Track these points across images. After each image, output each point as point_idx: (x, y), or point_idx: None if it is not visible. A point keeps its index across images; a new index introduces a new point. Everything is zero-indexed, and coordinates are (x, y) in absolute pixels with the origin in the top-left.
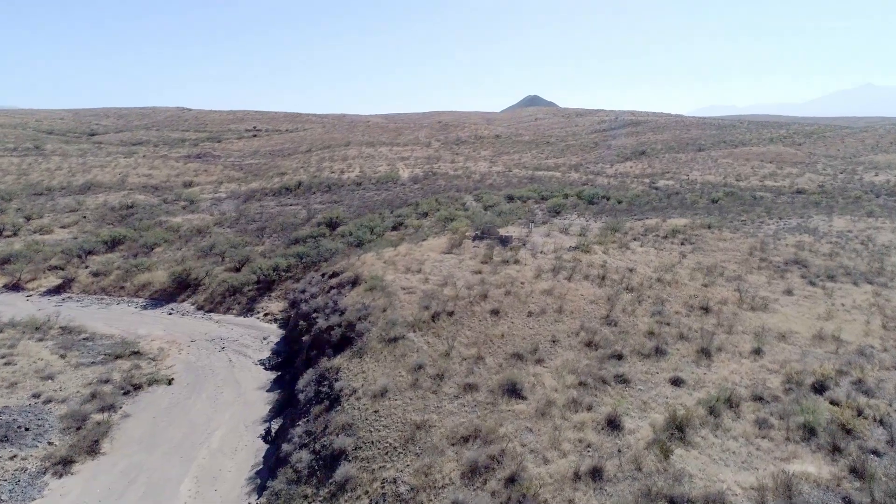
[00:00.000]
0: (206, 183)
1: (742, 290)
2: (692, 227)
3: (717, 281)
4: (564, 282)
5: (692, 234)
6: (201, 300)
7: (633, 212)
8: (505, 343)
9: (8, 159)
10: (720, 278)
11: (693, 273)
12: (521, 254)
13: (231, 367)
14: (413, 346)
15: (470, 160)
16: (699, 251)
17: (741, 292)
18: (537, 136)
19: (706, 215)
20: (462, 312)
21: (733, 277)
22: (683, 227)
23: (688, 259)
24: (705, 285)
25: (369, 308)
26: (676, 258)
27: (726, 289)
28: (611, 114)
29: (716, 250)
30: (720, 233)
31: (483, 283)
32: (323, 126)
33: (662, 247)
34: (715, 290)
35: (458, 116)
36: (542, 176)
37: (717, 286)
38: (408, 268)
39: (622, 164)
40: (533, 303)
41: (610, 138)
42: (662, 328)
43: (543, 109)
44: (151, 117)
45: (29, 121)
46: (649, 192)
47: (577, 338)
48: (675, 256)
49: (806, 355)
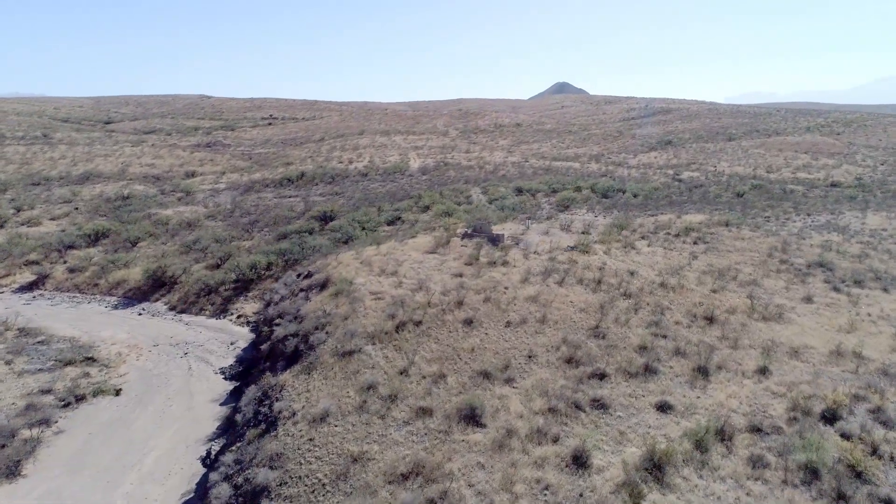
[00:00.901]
0: (209, 173)
1: (755, 296)
2: (708, 225)
3: (728, 286)
4: (554, 287)
5: (707, 233)
6: (175, 300)
7: (648, 207)
8: (474, 358)
9: (14, 148)
10: (732, 283)
11: (702, 277)
12: (512, 254)
13: (188, 376)
14: (369, 361)
15: (486, 150)
16: (713, 251)
17: (753, 299)
18: (560, 124)
19: (727, 211)
20: (431, 322)
21: (747, 282)
22: (698, 225)
23: (699, 261)
24: (714, 291)
25: (330, 316)
26: (686, 259)
27: (738, 295)
28: (641, 101)
29: (731, 250)
30: (738, 231)
31: (462, 288)
32: (340, 114)
33: (672, 246)
34: (724, 297)
35: (483, 104)
36: (560, 167)
37: (728, 292)
38: (383, 269)
39: (646, 154)
40: (514, 311)
41: (635, 127)
42: (657, 342)
43: (571, 97)
44: (171, 105)
45: (47, 108)
46: (671, 185)
47: (556, 353)
48: (685, 257)
49: (819, 375)
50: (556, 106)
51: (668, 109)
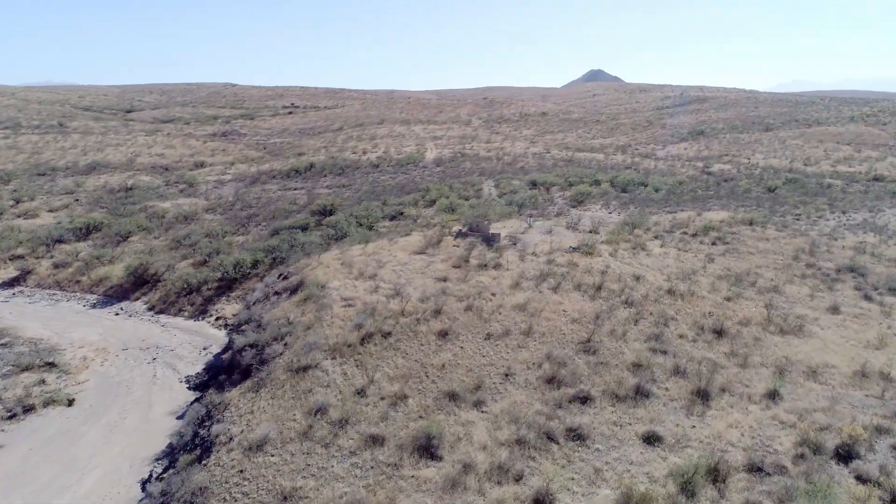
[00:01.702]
0: (219, 163)
1: (773, 305)
2: (730, 223)
3: (744, 293)
4: (547, 293)
5: (728, 232)
6: (155, 299)
7: (669, 202)
8: (443, 376)
9: (27, 137)
10: (750, 289)
11: (716, 282)
12: (507, 256)
13: (151, 385)
14: (324, 378)
15: (508, 140)
16: (732, 253)
17: (771, 309)
18: (588, 113)
19: (755, 207)
20: (402, 333)
21: (767, 288)
22: (719, 223)
23: (715, 264)
24: (728, 299)
25: (292, 325)
26: (701, 262)
27: (754, 304)
28: (676, 89)
29: (753, 252)
30: (763, 230)
31: (443, 295)
32: (362, 103)
33: (688, 247)
34: (738, 306)
35: (512, 92)
36: (583, 158)
37: (743, 300)
38: (362, 272)
39: (676, 145)
40: (497, 321)
41: (667, 116)
42: (655, 359)
43: (604, 85)
44: (194, 93)
45: (72, 97)
46: (698, 178)
47: (537, 371)
48: (700, 260)
49: (837, 401)
50: (588, 94)
51: (704, 98)
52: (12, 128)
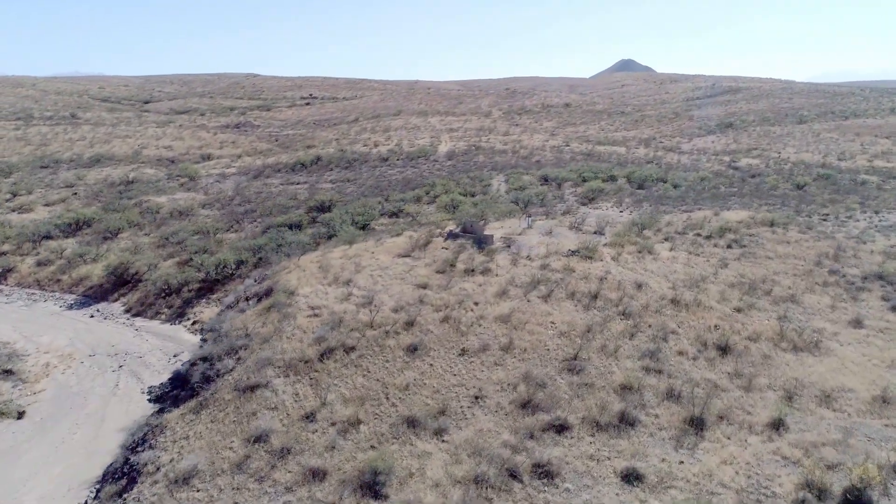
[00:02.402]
0: (226, 156)
1: (788, 317)
2: (749, 224)
3: (757, 303)
4: (536, 303)
5: (746, 234)
6: (133, 300)
7: (687, 200)
8: (405, 399)
9: (37, 128)
10: (764, 299)
11: (727, 291)
12: (499, 260)
13: (111, 396)
14: (273, 399)
15: (527, 132)
16: (748, 258)
17: (784, 321)
18: (613, 104)
19: (779, 206)
20: (367, 348)
21: (783, 298)
22: (737, 224)
23: (728, 269)
24: (738, 310)
25: (249, 337)
26: (712, 268)
27: (767, 316)
28: (709, 79)
29: (772, 257)
30: (784, 232)
31: (420, 304)
32: (381, 93)
33: (700, 251)
34: (749, 318)
35: (538, 83)
36: (602, 152)
37: (756, 311)
38: (336, 277)
39: (703, 138)
40: (476, 335)
41: (695, 108)
42: (647, 379)
43: (634, 75)
44: (215, 84)
45: (92, 87)
46: (723, 174)
47: (512, 393)
48: (712, 265)
49: (851, 433)
50: (616, 85)
51: (737, 89)
52: (24, 119)
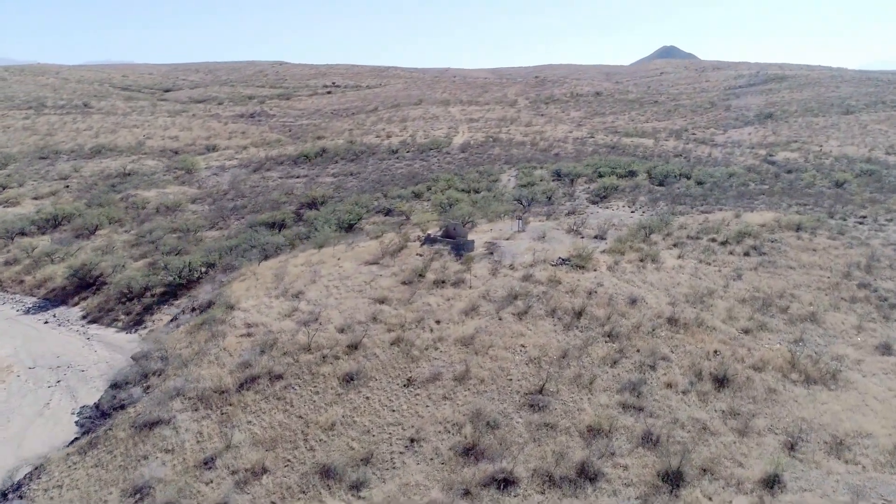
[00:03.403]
0: (233, 147)
1: (804, 340)
2: (773, 228)
3: (770, 323)
4: (509, 321)
5: (767, 240)
6: (93, 305)
7: (708, 199)
8: (326, 441)
9: (47, 118)
10: (779, 317)
11: (736, 308)
12: (477, 268)
13: (38, 417)
14: (171, 440)
15: (551, 123)
16: (767, 268)
17: (799, 346)
18: (646, 93)
19: (812, 206)
20: (297, 376)
21: (801, 316)
22: (759, 228)
23: (741, 281)
24: (746, 331)
25: (167, 360)
26: (723, 280)
27: (780, 338)
28: (753, 67)
29: (794, 266)
30: (811, 238)
31: (373, 322)
32: (405, 82)
33: (712, 259)
34: (758, 342)
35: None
36: (628, 144)
37: (767, 333)
38: (287, 289)
39: (739, 129)
40: (429, 360)
41: (733, 97)
42: (622, 419)
43: (674, 62)
44: (241, 72)
45: (115, 76)
46: (756, 169)
47: (456, 436)
48: (723, 277)
49: (862, 494)
50: (655, 72)
51: (783, 76)
52: (36, 108)
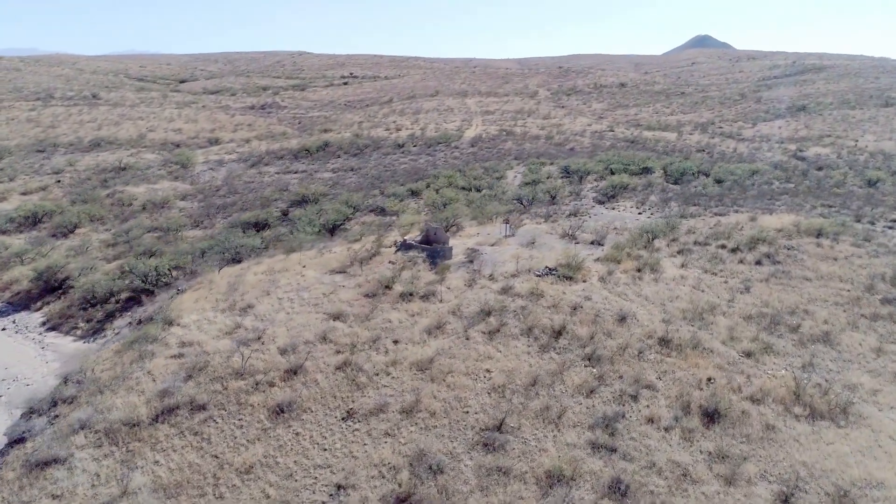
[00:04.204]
0: (236, 140)
1: (814, 366)
2: (791, 233)
3: (776, 344)
4: (478, 341)
5: (783, 246)
6: (56, 311)
7: (725, 199)
8: (240, 487)
9: (53, 110)
10: (787, 338)
11: (740, 326)
12: (452, 279)
13: None
14: (64, 482)
15: (570, 115)
16: (780, 279)
17: (807, 372)
18: (674, 84)
19: (838, 208)
20: (221, 407)
21: (813, 337)
22: (776, 233)
23: (749, 295)
24: (748, 354)
25: (82, 385)
26: (728, 293)
27: (786, 363)
28: (791, 56)
29: (810, 278)
30: (833, 244)
31: (321, 342)
32: (424, 72)
33: (719, 268)
34: (759, 368)
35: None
36: (649, 138)
37: (771, 357)
38: (235, 302)
39: (769, 123)
40: (376, 389)
41: (765, 88)
42: (589, 463)
43: (706, 52)
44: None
45: (132, 67)
46: (783, 165)
47: (392, 482)
48: (729, 289)
49: None
50: (686, 62)
51: (821, 67)
52: (43, 99)
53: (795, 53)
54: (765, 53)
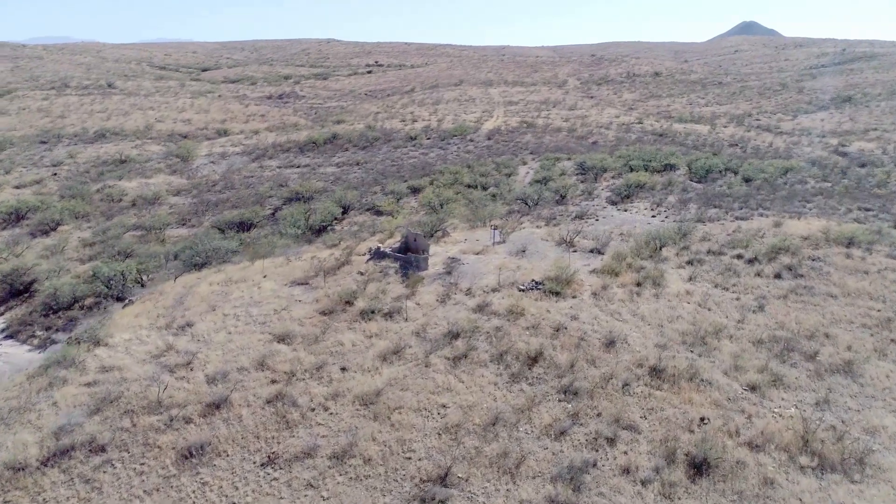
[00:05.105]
0: (246, 131)
1: (829, 403)
2: (818, 241)
3: (788, 375)
4: (439, 369)
5: (808, 257)
6: (17, 317)
7: (750, 201)
8: None
9: (66, 99)
10: (801, 367)
11: (747, 353)
12: (423, 293)
13: None
14: None
15: (598, 106)
16: (801, 295)
17: (819, 412)
18: (712, 74)
19: (876, 213)
20: (124, 448)
21: (832, 367)
22: (801, 241)
23: (763, 314)
24: (752, 388)
25: None
26: (738, 312)
27: (796, 400)
28: (840, 44)
29: (836, 294)
30: (865, 256)
31: (258, 368)
32: (450, 61)
33: (732, 283)
34: (764, 406)
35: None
36: (679, 131)
37: (780, 391)
38: (174, 319)
39: (811, 115)
40: (309, 427)
41: (809, 78)
42: None
43: (751, 39)
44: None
45: (156, 55)
46: (822, 162)
47: None
48: (740, 307)
49: None
50: (728, 50)
51: (872, 55)
52: (58, 88)
53: (845, 41)
54: (813, 41)
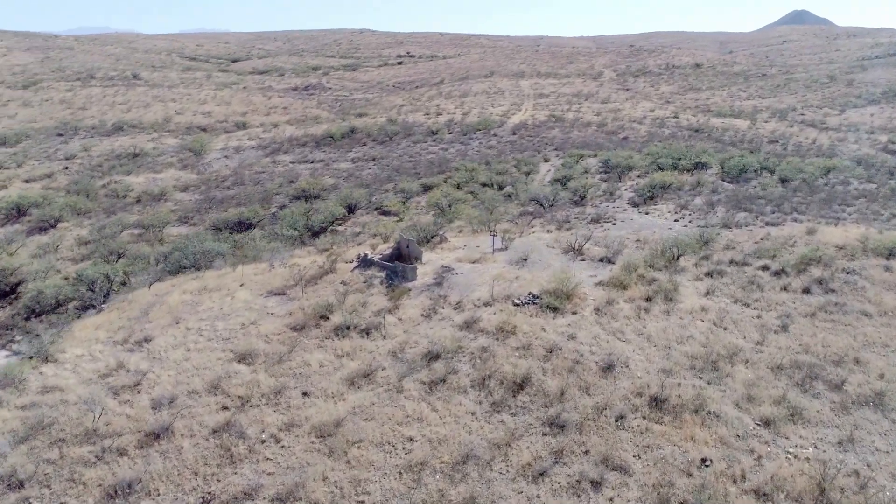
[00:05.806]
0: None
1: (853, 443)
2: (855, 251)
3: (808, 408)
4: (412, 395)
5: (842, 269)
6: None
7: (784, 204)
8: None
9: (89, 90)
10: (825, 398)
11: (764, 381)
12: (407, 307)
13: None
14: None
15: (633, 99)
16: (831, 313)
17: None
18: (755, 65)
19: None
20: (45, 485)
21: (860, 398)
22: (835, 252)
23: (787, 335)
24: (766, 423)
25: None
26: (758, 333)
27: (815, 438)
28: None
29: (871, 313)
30: None
31: (210, 392)
32: (483, 51)
33: (755, 297)
34: (777, 445)
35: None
36: (717, 126)
37: (799, 426)
38: (132, 333)
39: (860, 109)
40: (255, 463)
41: (860, 70)
42: None
43: (800, 29)
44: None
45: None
46: (867, 161)
47: None
48: (760, 327)
49: None
50: (777, 40)
51: None
52: (83, 80)
53: None
54: (867, 30)
